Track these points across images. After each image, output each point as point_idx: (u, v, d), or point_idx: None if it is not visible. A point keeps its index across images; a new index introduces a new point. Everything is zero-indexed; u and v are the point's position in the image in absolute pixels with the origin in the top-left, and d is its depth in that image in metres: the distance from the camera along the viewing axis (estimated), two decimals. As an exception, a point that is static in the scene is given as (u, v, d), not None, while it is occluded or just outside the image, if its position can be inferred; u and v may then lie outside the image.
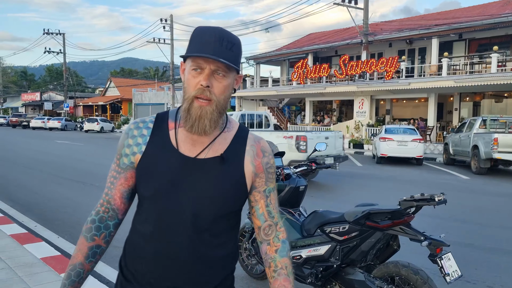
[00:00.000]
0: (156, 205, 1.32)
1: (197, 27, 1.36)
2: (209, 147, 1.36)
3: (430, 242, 2.85)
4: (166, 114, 1.43)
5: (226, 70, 1.30)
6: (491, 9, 24.41)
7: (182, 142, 1.35)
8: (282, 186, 3.78)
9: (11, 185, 9.36)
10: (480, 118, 14.50)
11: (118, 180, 1.39)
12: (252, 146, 1.43)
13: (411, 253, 4.77)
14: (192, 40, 1.32)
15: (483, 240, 5.86)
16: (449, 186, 10.68)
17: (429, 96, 22.27)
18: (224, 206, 1.35)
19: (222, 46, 1.28)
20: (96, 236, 1.38)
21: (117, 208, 1.41)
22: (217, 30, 1.31)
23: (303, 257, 3.45)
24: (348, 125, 25.40)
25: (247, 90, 32.85)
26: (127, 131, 1.41)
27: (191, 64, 1.29)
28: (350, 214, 3.25)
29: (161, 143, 1.36)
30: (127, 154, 1.38)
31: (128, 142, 1.38)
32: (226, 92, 1.33)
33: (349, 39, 27.28)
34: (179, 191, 1.31)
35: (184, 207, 1.30)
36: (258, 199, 1.44)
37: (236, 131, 1.44)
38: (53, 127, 42.37)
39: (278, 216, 1.48)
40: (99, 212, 1.40)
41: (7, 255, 4.47)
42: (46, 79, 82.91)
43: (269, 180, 1.46)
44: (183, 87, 1.33)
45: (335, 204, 7.71)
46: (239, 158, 1.39)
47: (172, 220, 1.31)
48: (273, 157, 1.49)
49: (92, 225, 1.38)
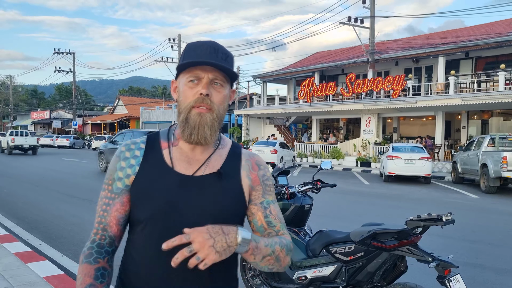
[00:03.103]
0: (155, 228, 1.27)
1: (189, 43, 1.35)
2: (206, 164, 1.33)
3: (438, 263, 2.79)
4: (157, 134, 1.40)
5: (224, 80, 1.29)
6: (497, 28, 24.46)
7: (178, 161, 1.32)
8: (287, 205, 3.74)
9: (18, 202, 9.38)
10: (489, 136, 14.38)
11: (113, 206, 1.33)
12: (247, 161, 1.41)
13: (419, 274, 4.68)
14: (185, 54, 1.31)
15: (493, 261, 5.73)
16: (458, 205, 10.53)
17: (437, 114, 22.19)
18: (225, 222, 1.28)
19: (218, 56, 1.27)
20: (100, 259, 1.30)
21: (114, 235, 1.34)
22: (210, 43, 1.30)
23: (309, 278, 3.39)
24: (355, 143, 25.32)
25: (254, 108, 32.99)
26: (118, 154, 1.37)
27: (188, 76, 1.27)
28: (356, 234, 3.20)
29: (155, 163, 1.32)
30: (120, 178, 1.33)
31: (121, 165, 1.34)
32: (225, 102, 1.31)
33: (356, 58, 27.42)
34: (178, 211, 1.27)
35: (184, 227, 1.24)
36: (255, 212, 1.38)
37: (230, 147, 1.42)
38: (61, 144, 42.71)
39: (282, 226, 1.40)
40: (95, 240, 1.33)
41: (10, 274, 4.44)
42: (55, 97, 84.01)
43: (267, 193, 1.41)
44: (178, 101, 1.30)
45: (340, 224, 7.62)
46: (236, 173, 1.37)
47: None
48: (269, 171, 1.47)
49: (92, 251, 1.30)
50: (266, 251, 1.24)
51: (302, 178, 15.22)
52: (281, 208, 3.74)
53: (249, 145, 27.11)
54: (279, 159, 20.52)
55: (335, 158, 24.02)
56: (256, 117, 33.23)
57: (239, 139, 32.44)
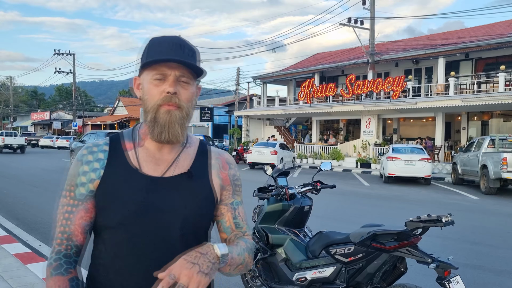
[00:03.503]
0: (126, 234, 1.21)
1: (152, 38, 1.28)
2: (174, 164, 1.28)
3: (437, 265, 2.79)
4: (120, 135, 1.33)
5: (191, 77, 1.25)
6: (497, 29, 24.47)
7: (144, 162, 1.27)
8: (286, 206, 3.73)
9: (18, 203, 9.38)
10: (489, 138, 14.38)
11: (77, 214, 1.24)
12: (217, 159, 1.38)
13: (419, 275, 4.67)
14: (149, 50, 1.24)
15: (493, 262, 5.72)
16: (458, 206, 10.53)
17: (437, 115, 22.19)
18: (197, 223, 1.28)
19: (184, 53, 1.23)
20: (71, 269, 1.22)
21: (80, 244, 1.26)
22: (175, 39, 1.25)
23: (308, 279, 3.39)
24: (355, 144, 25.32)
25: (253, 109, 33.00)
26: (79, 158, 1.27)
27: (153, 74, 1.22)
28: (356, 235, 3.20)
29: (121, 165, 1.25)
30: (83, 183, 1.24)
31: (83, 169, 1.25)
32: (192, 100, 1.27)
33: (356, 59, 27.42)
34: (149, 215, 1.21)
35: (158, 231, 1.22)
36: (224, 212, 1.37)
37: (198, 145, 1.38)
38: (61, 145, 42.73)
39: (248, 228, 1.41)
40: (61, 251, 1.23)
41: (9, 275, 4.43)
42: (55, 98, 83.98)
43: (236, 193, 1.39)
44: (143, 100, 1.25)
45: (340, 225, 7.62)
46: (205, 172, 1.33)
47: (146, 249, 1.21)
48: (238, 170, 1.43)
49: (61, 262, 1.22)
50: (239, 260, 1.25)
51: (302, 179, 15.21)
52: (281, 209, 3.74)
53: (249, 146, 27.09)
54: (279, 160, 20.52)
55: (335, 159, 24.02)
56: (256, 118, 33.23)
57: (239, 140, 32.44)
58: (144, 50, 1.26)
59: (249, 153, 21.94)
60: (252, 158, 21.42)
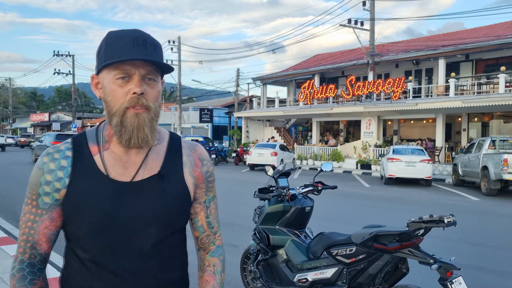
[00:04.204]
0: (97, 244, 1.16)
1: (109, 32, 1.18)
2: (143, 166, 1.21)
3: (440, 265, 2.77)
4: (84, 137, 1.24)
5: (156, 75, 1.17)
6: (497, 30, 24.47)
7: (112, 167, 1.19)
8: (287, 207, 3.72)
9: (17, 205, 9.35)
10: (489, 139, 14.36)
11: (41, 224, 1.18)
12: (189, 156, 1.30)
13: (421, 276, 4.65)
14: (107, 47, 1.14)
15: (495, 263, 5.70)
16: (459, 208, 10.51)
17: (437, 116, 22.19)
18: (171, 226, 1.24)
19: (147, 48, 1.13)
20: (36, 280, 1.17)
21: (44, 252, 1.21)
22: (136, 33, 1.15)
23: (309, 280, 3.37)
24: (356, 145, 25.31)
25: (253, 110, 33.00)
26: (40, 165, 1.19)
27: (115, 73, 1.13)
28: (357, 236, 3.18)
29: (87, 172, 1.18)
30: (47, 192, 1.17)
31: (46, 179, 1.17)
32: (159, 98, 1.19)
33: (356, 60, 27.43)
34: (120, 223, 1.16)
35: (132, 238, 1.17)
36: (198, 211, 1.34)
37: (168, 141, 1.30)
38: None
39: (218, 226, 1.40)
40: (24, 261, 1.18)
41: (8, 276, 4.41)
42: (55, 100, 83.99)
43: (209, 190, 1.35)
44: (106, 101, 1.15)
45: (341, 226, 7.60)
46: (177, 171, 1.26)
47: (120, 257, 1.16)
48: (212, 164, 1.38)
49: (24, 273, 1.16)
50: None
51: (303, 181, 15.21)
52: (282, 210, 3.72)
53: (249, 147, 27.08)
54: (279, 161, 20.50)
55: (335, 161, 24.00)
56: (256, 120, 33.22)
57: (239, 141, 32.42)
58: (101, 46, 1.17)
59: (249, 155, 21.92)
60: (252, 160, 21.40)
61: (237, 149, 27.97)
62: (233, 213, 8.45)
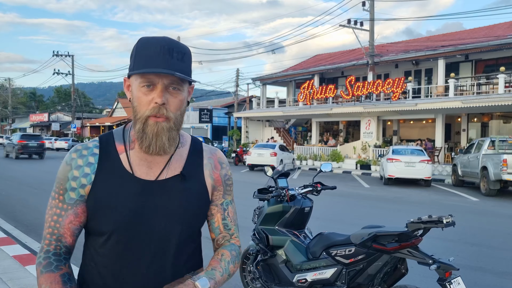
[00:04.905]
0: (121, 240, 1.19)
1: (141, 38, 1.21)
2: (167, 166, 1.26)
3: (438, 266, 2.77)
4: (111, 136, 1.29)
5: (181, 83, 1.20)
6: (497, 31, 24.49)
7: (137, 166, 1.23)
8: (287, 208, 3.72)
9: (16, 205, 9.35)
10: (489, 139, 14.37)
11: (66, 218, 1.22)
12: (210, 159, 1.36)
13: (420, 276, 4.66)
14: (137, 53, 1.19)
15: (494, 264, 5.71)
16: (458, 208, 10.51)
17: (437, 116, 22.20)
18: (192, 225, 1.28)
19: (172, 57, 1.17)
20: (61, 266, 1.20)
21: (69, 245, 1.25)
22: (164, 41, 1.18)
23: (309, 281, 3.37)
24: (355, 146, 25.32)
25: (253, 111, 33.00)
26: (69, 161, 1.24)
27: (141, 81, 1.17)
28: (357, 237, 3.18)
29: (113, 170, 1.22)
30: (74, 188, 1.21)
31: (73, 174, 1.22)
32: (182, 106, 1.23)
33: (355, 60, 27.44)
34: (144, 220, 1.20)
35: (154, 235, 1.21)
36: (214, 213, 1.37)
37: (190, 145, 1.35)
38: (60, 147, 42.74)
39: (236, 229, 1.42)
40: (50, 251, 1.22)
41: (8, 277, 4.42)
42: (54, 100, 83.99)
43: (227, 193, 1.39)
44: (133, 106, 1.21)
45: (341, 226, 7.60)
46: (199, 173, 1.31)
47: (141, 254, 1.20)
48: (230, 168, 1.42)
49: (50, 260, 1.20)
50: (224, 279, 1.28)
51: (302, 181, 15.22)
52: (281, 211, 3.72)
53: (248, 147, 27.08)
54: (279, 162, 20.50)
55: (335, 161, 24.00)
56: (255, 120, 33.23)
57: (238, 141, 32.42)
58: (132, 51, 1.21)
59: (248, 155, 21.91)
60: (252, 160, 21.40)
61: (236, 149, 27.96)
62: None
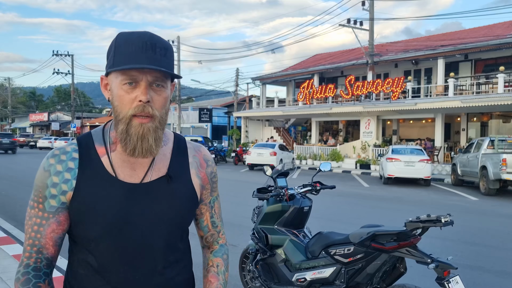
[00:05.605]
0: (109, 245, 1.15)
1: (120, 33, 1.14)
2: (151, 167, 1.21)
3: (437, 265, 2.78)
4: (90, 138, 1.21)
5: (164, 80, 1.14)
6: (496, 30, 24.50)
7: (120, 168, 1.18)
8: (286, 207, 3.73)
9: (16, 205, 9.36)
10: (488, 139, 14.38)
11: (48, 227, 1.16)
12: (195, 157, 1.31)
13: (418, 276, 4.67)
14: (117, 50, 1.11)
15: (492, 263, 5.72)
16: (458, 208, 10.52)
17: (436, 116, 22.21)
18: (181, 227, 1.26)
19: (156, 53, 1.10)
20: (40, 283, 1.14)
21: (51, 256, 1.19)
22: (146, 36, 1.11)
23: (308, 280, 3.38)
24: (355, 145, 25.32)
25: (253, 110, 33.00)
26: (47, 167, 1.16)
27: (122, 78, 1.10)
28: (355, 236, 3.19)
29: (95, 174, 1.16)
30: (54, 195, 1.15)
31: (53, 181, 1.15)
32: (167, 104, 1.17)
33: (355, 60, 27.44)
34: (132, 224, 1.15)
35: (142, 239, 1.17)
36: (204, 212, 1.37)
37: (173, 142, 1.30)
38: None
39: (222, 224, 1.44)
40: (30, 265, 1.16)
41: (8, 276, 4.43)
42: (54, 99, 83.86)
43: (213, 190, 1.38)
44: (113, 106, 1.14)
45: (340, 226, 7.61)
46: (185, 172, 1.27)
47: (130, 258, 1.16)
48: (215, 165, 1.39)
49: (29, 276, 1.13)
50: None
51: (302, 180, 15.22)
52: (280, 210, 3.73)
53: (248, 147, 27.08)
54: (278, 161, 20.51)
55: (334, 160, 24.01)
56: (255, 119, 33.23)
57: (238, 141, 32.42)
58: (110, 47, 1.14)
59: (248, 154, 21.92)
60: (251, 159, 21.41)
61: (236, 149, 27.97)
62: (232, 212, 8.46)
